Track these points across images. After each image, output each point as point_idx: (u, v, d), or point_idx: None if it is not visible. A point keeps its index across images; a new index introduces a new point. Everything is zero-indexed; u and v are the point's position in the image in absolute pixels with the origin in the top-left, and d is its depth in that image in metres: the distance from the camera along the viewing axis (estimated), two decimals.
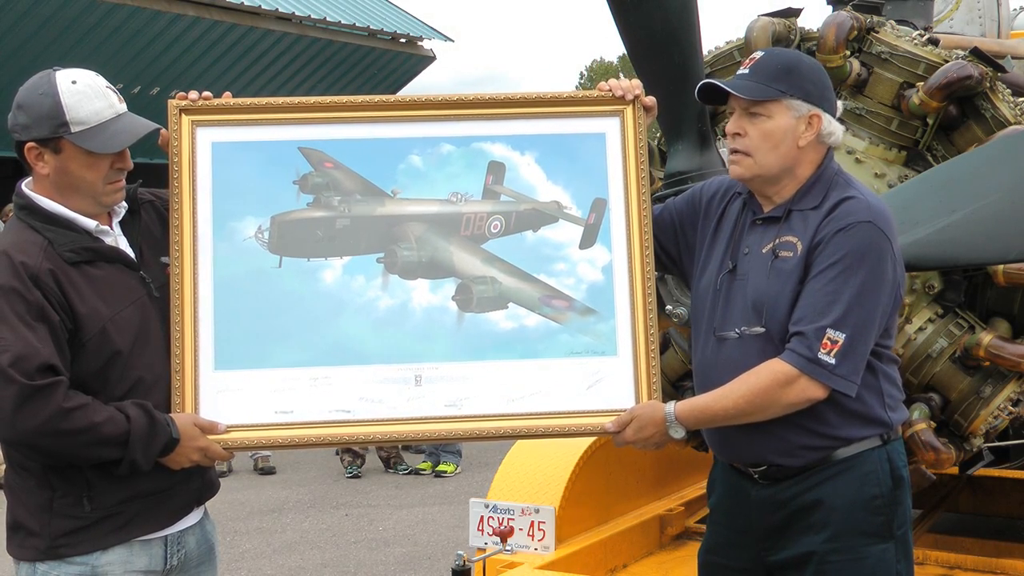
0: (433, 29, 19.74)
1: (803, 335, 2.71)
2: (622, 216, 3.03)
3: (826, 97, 2.85)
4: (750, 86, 2.80)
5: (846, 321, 2.69)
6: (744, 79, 2.83)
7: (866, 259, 2.71)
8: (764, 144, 2.81)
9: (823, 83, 2.86)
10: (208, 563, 2.94)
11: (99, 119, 2.70)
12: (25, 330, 2.57)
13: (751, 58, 2.87)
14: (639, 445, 2.94)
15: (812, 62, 2.91)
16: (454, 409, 2.94)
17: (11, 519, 2.73)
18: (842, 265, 2.71)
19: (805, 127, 2.82)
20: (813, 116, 2.82)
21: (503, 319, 2.99)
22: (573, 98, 3.11)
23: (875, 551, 2.81)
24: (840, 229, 2.73)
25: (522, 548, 3.87)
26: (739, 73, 2.86)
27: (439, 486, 9.33)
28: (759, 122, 2.81)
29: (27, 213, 2.74)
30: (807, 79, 2.82)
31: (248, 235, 2.96)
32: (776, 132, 2.80)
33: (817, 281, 2.73)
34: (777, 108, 2.80)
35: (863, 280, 2.71)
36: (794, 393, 2.73)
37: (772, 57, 2.86)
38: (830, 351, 2.69)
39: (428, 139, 3.04)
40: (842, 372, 2.70)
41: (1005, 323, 3.70)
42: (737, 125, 2.84)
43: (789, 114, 2.80)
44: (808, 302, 2.73)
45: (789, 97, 2.79)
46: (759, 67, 2.82)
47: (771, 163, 2.82)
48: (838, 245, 2.72)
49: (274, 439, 2.91)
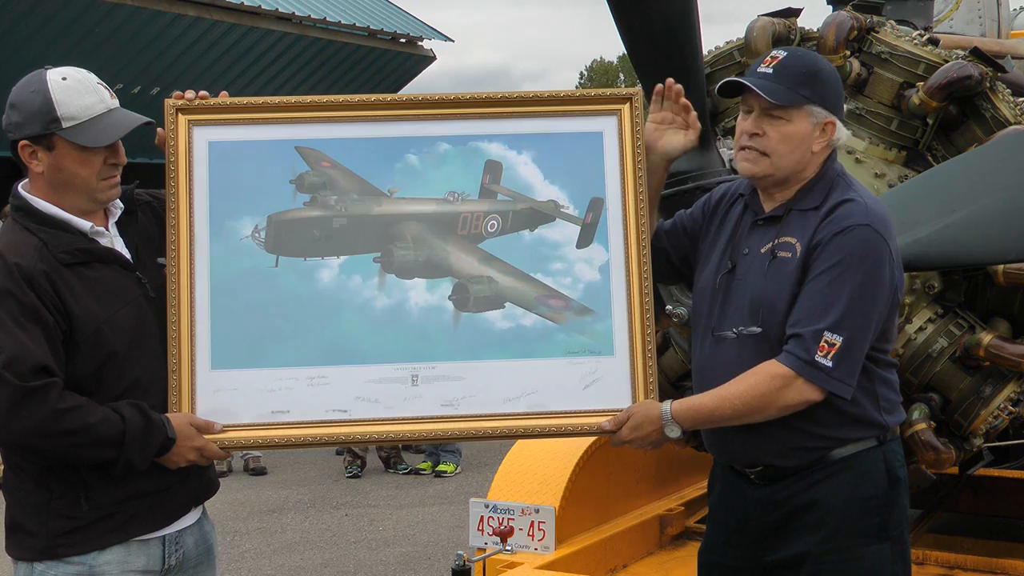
0: (433, 29, 19.74)
1: (800, 337, 2.71)
2: (619, 215, 3.03)
3: (840, 105, 2.88)
4: (776, 89, 2.80)
5: (843, 324, 2.69)
6: (769, 80, 2.81)
7: (864, 262, 2.71)
8: (782, 147, 2.82)
9: (840, 91, 2.89)
10: (207, 563, 2.94)
11: (90, 114, 2.70)
12: (19, 332, 2.57)
13: (773, 56, 2.86)
14: (636, 444, 2.95)
15: (831, 68, 2.91)
16: (451, 409, 2.94)
17: (9, 519, 2.72)
18: (840, 268, 2.71)
19: (820, 133, 2.83)
20: (828, 123, 2.83)
21: (500, 319, 2.99)
22: (570, 97, 3.11)
23: (870, 551, 2.81)
24: (838, 232, 2.73)
25: (522, 548, 3.87)
26: (761, 71, 2.84)
27: (439, 486, 9.33)
28: (779, 125, 2.81)
29: (22, 214, 2.74)
30: (828, 87, 2.84)
31: (245, 234, 2.95)
32: (795, 136, 2.81)
33: (815, 283, 2.73)
34: (798, 113, 2.81)
35: (861, 283, 2.71)
36: (791, 395, 2.73)
37: (796, 59, 2.84)
38: (827, 354, 2.69)
39: (425, 138, 3.04)
40: (838, 375, 2.70)
41: (1005, 323, 3.69)
42: (756, 125, 2.83)
43: (809, 120, 2.81)
44: (806, 304, 2.73)
45: (811, 104, 2.80)
46: (783, 69, 2.81)
47: (786, 165, 2.83)
48: (836, 248, 2.72)
49: (271, 439, 2.91)
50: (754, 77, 2.84)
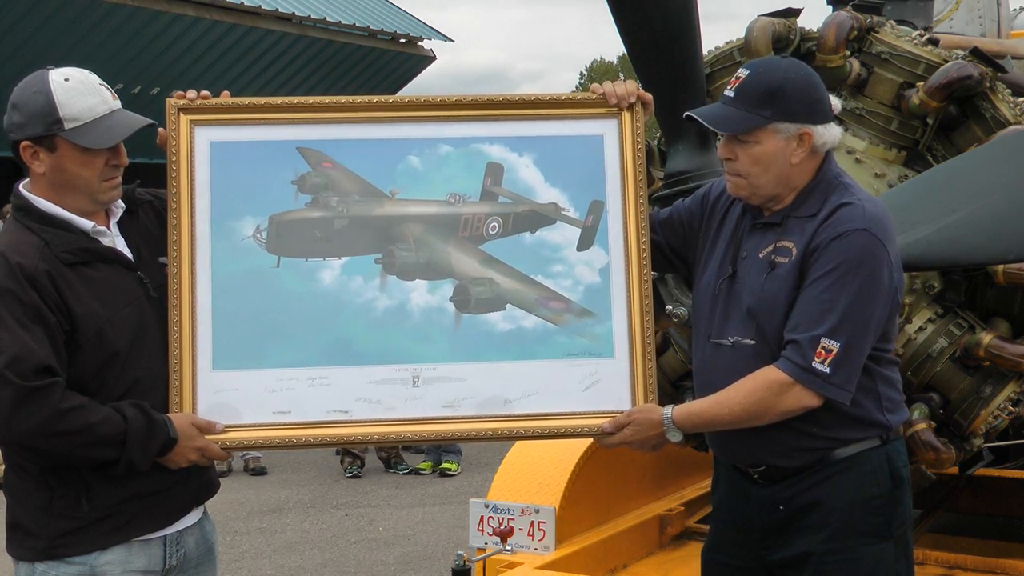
0: (433, 29, 19.74)
1: (797, 343, 2.71)
2: (619, 218, 3.03)
3: (816, 110, 2.80)
4: (733, 116, 2.78)
5: (841, 330, 2.68)
6: (729, 104, 2.79)
7: (862, 267, 2.70)
8: (755, 168, 2.80)
9: (811, 98, 2.80)
10: (207, 563, 2.94)
11: (92, 115, 2.70)
12: (21, 332, 2.57)
13: (736, 77, 2.83)
14: (636, 447, 2.96)
15: (799, 78, 2.80)
16: (451, 410, 2.94)
17: (10, 519, 2.73)
18: (837, 273, 2.70)
19: (796, 144, 2.79)
20: (804, 133, 2.78)
21: (501, 320, 2.99)
22: (571, 100, 3.11)
23: (873, 551, 2.81)
24: (836, 237, 2.72)
25: (522, 548, 3.87)
26: (724, 95, 2.83)
27: (439, 486, 9.33)
28: (747, 148, 2.79)
29: (24, 214, 2.74)
30: (793, 99, 2.76)
31: (246, 235, 2.95)
32: (765, 157, 2.78)
33: (812, 289, 2.72)
34: (764, 134, 2.77)
35: (858, 288, 2.70)
36: (789, 401, 2.73)
37: (756, 78, 2.79)
38: (824, 360, 2.68)
39: (427, 140, 3.04)
40: (836, 381, 2.70)
41: (1005, 323, 3.69)
42: (727, 150, 2.83)
43: (777, 137, 2.78)
44: (803, 310, 2.73)
45: (775, 122, 2.76)
46: (744, 91, 2.78)
47: (765, 183, 2.81)
48: (834, 253, 2.71)
49: (272, 439, 2.91)
50: (720, 101, 2.83)
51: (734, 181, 2.85)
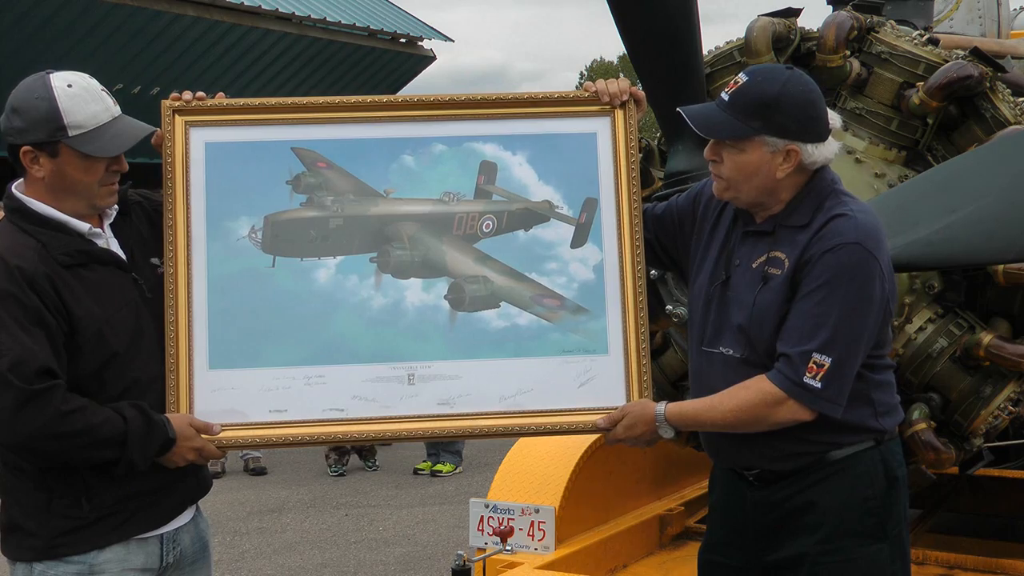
0: (433, 29, 19.76)
1: (789, 358, 2.69)
2: (613, 215, 3.04)
3: (808, 128, 2.75)
4: (721, 122, 2.75)
5: (832, 345, 2.66)
6: (721, 108, 2.77)
7: (853, 281, 2.68)
8: (737, 175, 2.78)
9: (805, 115, 2.75)
10: (202, 560, 2.95)
11: (96, 123, 2.70)
12: (23, 335, 2.57)
13: (734, 81, 2.80)
14: (629, 442, 2.97)
15: (797, 94, 2.74)
16: (447, 407, 2.95)
17: (7, 520, 2.73)
18: (829, 288, 2.67)
19: (783, 160, 2.75)
20: (791, 150, 2.74)
21: (495, 318, 2.99)
22: (564, 98, 3.12)
23: (867, 552, 2.80)
24: (827, 250, 2.69)
25: (522, 548, 3.87)
26: (720, 98, 2.80)
27: (439, 486, 9.33)
28: (733, 154, 2.77)
29: (19, 216, 2.73)
30: (786, 115, 2.72)
31: (242, 235, 2.96)
32: (748, 166, 2.76)
33: (804, 303, 2.70)
34: (750, 144, 2.74)
35: (850, 303, 2.68)
36: (780, 414, 2.72)
37: (753, 87, 2.75)
38: (816, 375, 2.67)
39: (421, 139, 3.05)
40: (827, 396, 2.69)
41: (1005, 323, 3.68)
42: (713, 151, 2.81)
43: (764, 149, 2.74)
44: (795, 324, 2.71)
45: (763, 134, 2.73)
46: (738, 97, 2.75)
47: (748, 191, 2.80)
48: (825, 266, 2.68)
49: (268, 438, 2.91)
50: (715, 103, 2.81)
51: (717, 183, 2.84)
